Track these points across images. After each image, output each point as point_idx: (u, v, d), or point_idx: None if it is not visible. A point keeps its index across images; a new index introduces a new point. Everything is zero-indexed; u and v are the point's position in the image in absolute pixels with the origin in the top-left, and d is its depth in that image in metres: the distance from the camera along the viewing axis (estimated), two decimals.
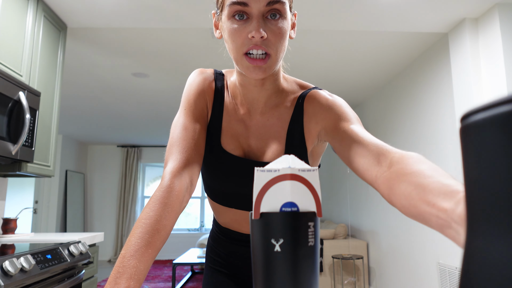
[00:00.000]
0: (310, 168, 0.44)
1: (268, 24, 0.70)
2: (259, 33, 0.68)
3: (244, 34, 0.70)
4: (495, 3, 2.36)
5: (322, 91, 0.83)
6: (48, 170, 2.35)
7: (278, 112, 0.83)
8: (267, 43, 0.70)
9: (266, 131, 0.83)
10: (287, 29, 0.73)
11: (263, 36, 0.68)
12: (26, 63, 2.10)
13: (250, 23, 0.70)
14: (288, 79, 0.86)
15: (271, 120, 0.83)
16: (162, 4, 2.38)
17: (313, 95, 0.82)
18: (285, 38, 0.73)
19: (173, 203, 0.64)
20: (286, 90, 0.84)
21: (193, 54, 3.24)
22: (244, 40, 0.70)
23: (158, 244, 0.58)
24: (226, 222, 0.91)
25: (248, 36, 0.69)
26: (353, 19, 2.58)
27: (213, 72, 0.89)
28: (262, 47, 0.70)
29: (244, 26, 0.70)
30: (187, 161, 0.72)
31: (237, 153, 0.83)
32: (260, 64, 0.71)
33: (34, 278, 1.54)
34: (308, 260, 0.43)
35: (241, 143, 0.84)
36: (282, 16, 0.71)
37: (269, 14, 0.70)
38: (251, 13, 0.69)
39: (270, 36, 0.70)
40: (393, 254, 3.89)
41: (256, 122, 0.84)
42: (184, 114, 0.80)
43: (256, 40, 0.69)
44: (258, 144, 0.83)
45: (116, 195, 7.69)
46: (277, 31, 0.71)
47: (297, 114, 0.82)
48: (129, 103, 4.75)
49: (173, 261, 4.89)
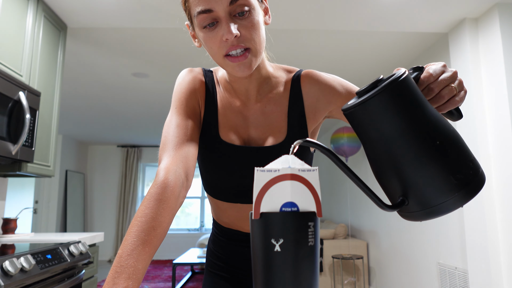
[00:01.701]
0: (310, 168, 0.44)
1: (238, 21, 0.70)
2: (231, 33, 0.68)
3: (218, 38, 0.70)
4: (495, 3, 2.36)
5: (313, 70, 0.85)
6: (48, 170, 2.35)
7: (273, 98, 0.84)
8: (243, 39, 0.70)
9: (265, 118, 0.84)
10: (259, 20, 0.73)
11: (236, 35, 0.69)
12: (26, 63, 2.10)
13: (220, 27, 0.70)
14: (274, 66, 0.88)
15: (268, 106, 0.84)
16: (162, 4, 2.38)
17: (310, 75, 0.84)
18: (259, 28, 0.73)
19: (168, 199, 0.62)
20: (275, 76, 0.86)
21: (193, 54, 3.24)
22: (220, 44, 0.71)
23: (155, 241, 0.57)
24: (228, 221, 0.90)
25: (222, 40, 0.70)
26: (353, 19, 2.58)
27: (202, 70, 0.90)
28: (240, 45, 0.70)
29: (216, 31, 0.70)
30: (181, 157, 0.71)
31: (237, 144, 0.83)
32: (242, 60, 0.71)
33: (34, 278, 1.54)
34: (308, 260, 0.43)
35: (241, 133, 0.84)
36: (250, 10, 0.71)
37: (236, 13, 0.70)
38: (218, 17, 0.70)
39: (244, 32, 0.70)
40: (393, 254, 3.89)
41: (254, 111, 0.84)
42: (175, 112, 0.80)
43: (232, 41, 0.69)
44: (259, 132, 0.84)
45: (116, 195, 7.69)
46: (249, 25, 0.71)
47: (294, 96, 0.84)
48: (129, 103, 4.75)
49: (173, 261, 4.89)
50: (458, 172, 0.46)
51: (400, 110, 0.46)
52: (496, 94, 2.36)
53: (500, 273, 2.28)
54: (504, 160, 2.30)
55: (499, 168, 2.33)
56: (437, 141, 0.46)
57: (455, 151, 0.46)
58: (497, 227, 2.33)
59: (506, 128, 2.28)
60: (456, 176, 0.46)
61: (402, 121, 0.46)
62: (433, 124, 0.47)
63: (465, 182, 0.46)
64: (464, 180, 0.46)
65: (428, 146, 0.46)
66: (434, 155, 0.45)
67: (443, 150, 0.46)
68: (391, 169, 0.48)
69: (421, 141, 0.46)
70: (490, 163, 2.39)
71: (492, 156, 2.38)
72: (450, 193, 0.46)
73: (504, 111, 2.30)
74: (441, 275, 2.97)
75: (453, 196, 0.46)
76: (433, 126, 0.47)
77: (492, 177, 2.38)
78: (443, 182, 0.46)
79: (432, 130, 0.46)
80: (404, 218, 0.51)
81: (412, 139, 0.46)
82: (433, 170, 0.46)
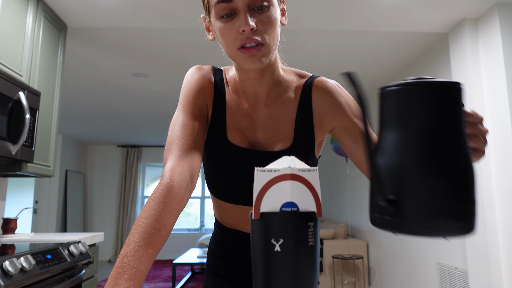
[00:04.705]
0: (310, 168, 0.44)
1: (256, 15, 0.70)
2: (248, 25, 0.67)
3: (234, 30, 0.70)
4: (495, 3, 2.36)
5: (329, 80, 0.83)
6: (48, 170, 2.35)
7: (282, 102, 0.83)
8: (258, 33, 0.70)
9: (273, 122, 0.82)
10: (276, 17, 0.73)
11: (253, 28, 0.68)
12: (26, 63, 2.10)
13: (238, 18, 0.69)
14: (286, 69, 0.86)
15: (277, 111, 0.83)
16: (162, 4, 2.38)
17: (323, 85, 0.83)
18: (276, 25, 0.72)
19: (173, 201, 0.62)
20: (286, 80, 0.84)
21: (193, 54, 3.24)
22: (235, 35, 0.70)
23: (158, 243, 0.57)
24: (232, 222, 0.90)
25: (239, 31, 0.69)
26: (353, 19, 2.58)
27: (211, 68, 0.89)
28: (254, 38, 0.69)
29: (233, 23, 0.70)
30: (186, 158, 0.71)
31: (244, 146, 0.83)
32: (255, 52, 0.70)
33: (34, 278, 1.54)
34: (308, 260, 0.43)
35: (247, 136, 0.83)
36: (269, 6, 0.71)
37: (255, 6, 0.70)
38: (237, 8, 0.69)
39: (260, 27, 0.70)
40: (393, 254, 3.89)
41: (262, 114, 0.83)
42: (182, 111, 0.79)
43: (247, 33, 0.69)
44: (265, 136, 0.83)
45: (116, 195, 7.69)
46: (267, 20, 0.70)
47: (304, 103, 0.82)
48: (129, 103, 4.75)
49: (173, 261, 4.89)
50: (466, 202, 0.42)
51: (448, 110, 0.43)
52: (496, 94, 2.36)
53: (500, 273, 2.28)
54: (504, 160, 2.30)
55: (499, 168, 2.33)
56: (460, 161, 0.43)
57: (471, 182, 0.43)
58: (497, 227, 2.33)
59: (506, 128, 2.28)
60: (464, 204, 0.42)
61: (446, 122, 0.43)
62: (464, 142, 0.44)
63: (468, 215, 0.42)
64: (467, 213, 0.42)
65: (453, 159, 0.43)
66: (455, 172, 0.42)
67: (462, 172, 0.43)
68: (407, 163, 0.43)
69: (450, 151, 0.43)
70: (490, 163, 2.39)
71: (492, 156, 2.38)
72: (450, 217, 0.41)
73: (504, 111, 2.30)
74: (441, 275, 2.97)
75: (453, 221, 0.42)
76: (464, 145, 0.44)
77: (492, 177, 2.38)
78: (451, 201, 0.42)
79: (462, 147, 0.44)
80: (379, 223, 0.45)
81: (443, 142, 0.43)
82: (448, 183, 0.42)
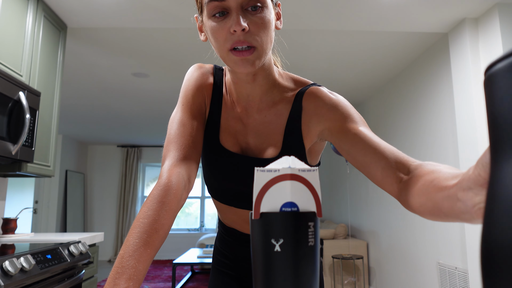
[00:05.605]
0: (310, 168, 0.44)
1: (249, 16, 0.67)
2: (240, 25, 0.65)
3: (226, 29, 0.67)
4: (495, 3, 2.36)
5: (322, 88, 0.80)
6: (48, 170, 2.35)
7: (275, 109, 0.80)
8: (251, 35, 0.67)
9: (264, 128, 0.81)
10: (270, 19, 0.69)
11: (244, 29, 0.65)
12: (26, 63, 2.10)
13: (230, 18, 0.67)
14: (284, 74, 0.83)
15: (269, 117, 0.80)
16: (162, 4, 2.38)
17: (313, 92, 0.79)
18: (270, 28, 0.70)
19: (171, 201, 0.63)
20: (282, 86, 0.81)
21: (193, 54, 3.24)
22: (226, 35, 0.67)
23: (156, 243, 0.58)
24: (229, 221, 0.91)
25: (230, 31, 0.66)
26: (353, 19, 2.58)
27: (213, 67, 0.87)
28: (246, 41, 0.67)
29: (224, 22, 0.67)
30: (184, 158, 0.71)
31: (234, 150, 0.81)
32: (247, 56, 0.67)
33: (34, 278, 1.54)
34: (308, 260, 0.43)
35: (239, 140, 0.82)
36: (263, 6, 0.68)
37: (249, 6, 0.67)
38: (229, 8, 0.66)
39: (253, 28, 0.67)
40: (393, 254, 3.89)
41: (254, 119, 0.82)
42: (181, 110, 0.79)
43: (239, 34, 0.66)
44: (256, 142, 0.81)
45: (116, 195, 7.69)
46: (260, 22, 0.67)
47: (295, 111, 0.79)
48: (129, 103, 4.75)
49: (173, 261, 4.90)
50: None
51: None
52: None
53: None
54: None
55: None
56: None
57: None
58: None
59: None
60: None
61: None
62: None
63: None
64: None
65: None
66: None
67: None
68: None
69: None
70: None
71: None
72: None
73: None
74: (441, 275, 2.97)
75: None
76: None
77: None
78: None
79: None
80: None
81: None
82: None
